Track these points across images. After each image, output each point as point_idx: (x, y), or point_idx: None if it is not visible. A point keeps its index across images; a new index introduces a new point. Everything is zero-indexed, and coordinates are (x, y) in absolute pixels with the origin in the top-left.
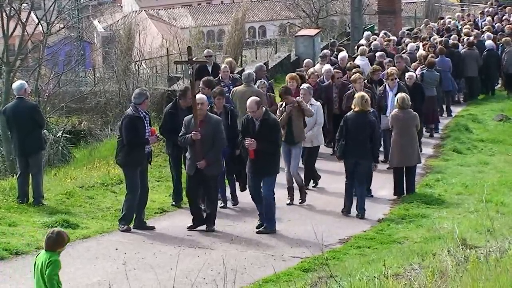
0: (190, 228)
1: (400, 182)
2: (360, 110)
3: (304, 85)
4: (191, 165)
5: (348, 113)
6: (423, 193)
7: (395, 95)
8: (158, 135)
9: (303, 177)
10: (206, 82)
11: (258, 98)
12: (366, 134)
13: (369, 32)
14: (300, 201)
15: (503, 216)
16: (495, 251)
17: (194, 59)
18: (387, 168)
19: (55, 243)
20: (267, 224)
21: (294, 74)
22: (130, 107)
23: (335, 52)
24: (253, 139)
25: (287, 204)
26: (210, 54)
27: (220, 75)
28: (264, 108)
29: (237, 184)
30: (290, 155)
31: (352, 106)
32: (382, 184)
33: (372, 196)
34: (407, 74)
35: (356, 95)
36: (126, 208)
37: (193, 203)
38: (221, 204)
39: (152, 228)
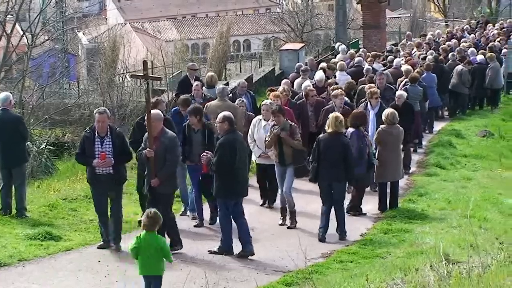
0: None
1: (385, 197)
2: (334, 132)
3: (266, 101)
4: (146, 183)
5: (321, 135)
6: (406, 208)
7: (376, 114)
8: (108, 161)
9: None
10: (183, 102)
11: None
12: (339, 156)
13: (344, 46)
14: (289, 225)
15: (486, 232)
16: (477, 266)
17: (149, 75)
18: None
19: (155, 223)
20: (245, 247)
21: (278, 92)
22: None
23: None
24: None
25: (279, 225)
26: (195, 67)
27: (192, 92)
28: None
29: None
30: (283, 176)
31: (326, 127)
32: (366, 199)
33: (365, 214)
34: (397, 93)
35: (330, 116)
36: (115, 227)
37: None
38: (195, 222)
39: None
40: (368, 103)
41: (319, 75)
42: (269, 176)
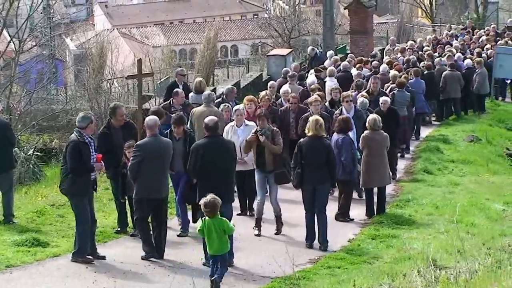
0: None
1: (372, 202)
2: (314, 135)
3: (238, 106)
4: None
5: (302, 139)
6: (393, 214)
7: (353, 117)
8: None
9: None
10: (154, 114)
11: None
12: (322, 158)
13: (331, 52)
14: (276, 231)
15: (473, 237)
16: (465, 272)
17: (142, 73)
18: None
19: (214, 208)
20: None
21: (252, 96)
22: (74, 132)
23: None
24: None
25: (255, 235)
26: (183, 73)
27: (172, 99)
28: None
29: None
30: (265, 183)
31: (306, 131)
32: (353, 204)
33: (353, 219)
34: (381, 99)
35: (310, 119)
36: (79, 240)
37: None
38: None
39: (103, 257)
40: (343, 108)
41: (311, 79)
42: (247, 183)
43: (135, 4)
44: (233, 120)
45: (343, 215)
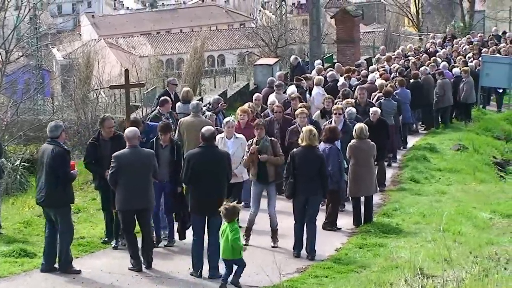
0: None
1: (359, 211)
2: (308, 145)
3: (228, 118)
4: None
5: (295, 149)
6: (381, 222)
7: (341, 131)
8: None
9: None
10: (132, 123)
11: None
12: (315, 169)
13: (319, 61)
14: (273, 245)
15: (460, 246)
16: (452, 280)
17: (130, 83)
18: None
19: (232, 214)
20: (212, 272)
21: (245, 107)
22: (49, 142)
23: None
24: None
25: (243, 245)
26: (175, 82)
27: (159, 107)
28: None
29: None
30: (260, 195)
31: (299, 141)
32: (341, 214)
33: (340, 228)
34: (371, 110)
35: (304, 129)
36: (67, 250)
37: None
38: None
39: (78, 272)
40: (333, 120)
41: (291, 89)
42: (233, 195)
43: (122, 14)
44: (219, 129)
45: (330, 224)
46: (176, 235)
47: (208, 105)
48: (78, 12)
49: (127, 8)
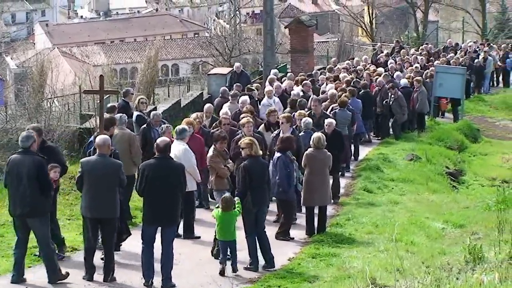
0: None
1: (312, 221)
2: (256, 156)
3: (164, 126)
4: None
5: (245, 161)
6: (334, 232)
7: None
8: None
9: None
10: (107, 122)
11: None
12: (265, 179)
13: (275, 70)
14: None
15: (413, 256)
16: None
17: (105, 89)
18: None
19: (229, 205)
20: (165, 282)
21: (191, 119)
22: (22, 153)
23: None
24: None
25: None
26: (132, 92)
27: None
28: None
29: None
30: None
31: (247, 153)
32: (293, 223)
33: (293, 238)
34: (326, 121)
35: (248, 141)
36: (53, 259)
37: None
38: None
39: (67, 274)
40: (281, 130)
41: (243, 98)
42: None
43: (76, 23)
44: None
45: (283, 234)
46: None
47: (147, 118)
48: (32, 21)
49: (81, 17)
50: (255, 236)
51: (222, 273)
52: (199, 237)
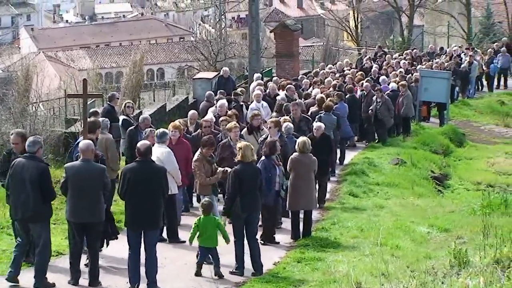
0: None
1: (297, 225)
2: (247, 161)
3: (148, 130)
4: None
5: (236, 166)
6: (319, 237)
7: None
8: None
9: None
10: (90, 126)
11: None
12: (257, 185)
13: (258, 75)
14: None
15: (398, 260)
16: None
17: (88, 93)
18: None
19: (208, 209)
20: (150, 287)
21: (177, 123)
22: (28, 158)
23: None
24: None
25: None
26: (118, 96)
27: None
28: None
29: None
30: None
31: (239, 158)
32: (279, 228)
33: (278, 243)
34: (315, 125)
35: (242, 145)
36: (45, 264)
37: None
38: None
39: (53, 285)
40: (269, 135)
41: (221, 102)
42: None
43: (61, 27)
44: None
45: (265, 238)
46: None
47: (135, 122)
48: (17, 25)
49: (67, 21)
50: (242, 241)
51: (197, 274)
52: (184, 242)
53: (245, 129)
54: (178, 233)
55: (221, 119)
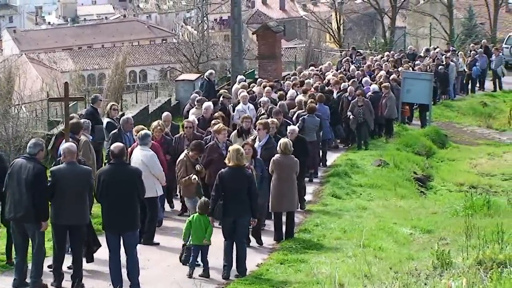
0: None
1: (280, 227)
2: (236, 165)
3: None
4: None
5: (223, 170)
6: (302, 238)
7: (263, 147)
8: None
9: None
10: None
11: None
12: (244, 190)
13: (242, 77)
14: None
15: (381, 261)
16: None
17: (70, 97)
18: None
19: (205, 209)
20: None
21: (138, 127)
22: (26, 158)
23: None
24: None
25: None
26: (101, 98)
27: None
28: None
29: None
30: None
31: (226, 161)
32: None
33: (261, 244)
34: (289, 128)
35: (230, 149)
36: (41, 265)
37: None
38: None
39: (45, 286)
40: (257, 137)
41: (206, 104)
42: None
43: (44, 29)
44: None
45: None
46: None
47: (118, 124)
48: (0, 27)
49: (49, 23)
50: (231, 242)
51: (190, 275)
52: (158, 244)
53: (235, 131)
54: (154, 235)
55: (212, 122)
